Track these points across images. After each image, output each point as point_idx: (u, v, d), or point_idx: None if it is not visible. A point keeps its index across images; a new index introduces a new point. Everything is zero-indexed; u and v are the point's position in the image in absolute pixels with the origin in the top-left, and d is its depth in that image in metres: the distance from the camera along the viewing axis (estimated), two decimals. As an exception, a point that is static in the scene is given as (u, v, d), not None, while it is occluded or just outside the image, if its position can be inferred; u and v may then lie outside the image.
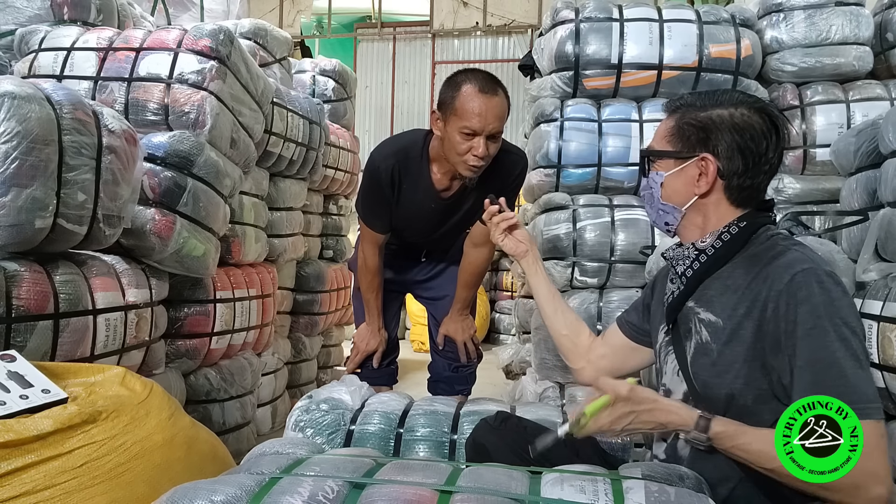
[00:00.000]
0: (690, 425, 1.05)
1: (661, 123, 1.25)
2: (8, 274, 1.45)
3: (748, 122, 1.14)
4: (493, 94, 1.78)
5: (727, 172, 1.15)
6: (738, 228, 1.16)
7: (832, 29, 2.61)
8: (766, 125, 1.14)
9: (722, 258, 1.16)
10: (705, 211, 1.19)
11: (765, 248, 1.13)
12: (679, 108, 1.22)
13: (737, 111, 1.15)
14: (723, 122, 1.15)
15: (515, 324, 3.41)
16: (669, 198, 1.21)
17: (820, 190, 2.60)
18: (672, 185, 1.21)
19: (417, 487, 0.87)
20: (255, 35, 3.30)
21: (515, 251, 1.56)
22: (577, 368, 1.49)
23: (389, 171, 1.97)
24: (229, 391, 2.50)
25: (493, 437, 1.28)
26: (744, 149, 1.14)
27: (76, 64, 2.22)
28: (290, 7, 9.19)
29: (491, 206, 1.60)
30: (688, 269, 1.19)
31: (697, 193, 1.18)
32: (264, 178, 3.02)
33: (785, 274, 1.05)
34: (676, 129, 1.20)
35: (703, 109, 1.17)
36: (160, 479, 1.19)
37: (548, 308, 1.52)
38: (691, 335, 1.18)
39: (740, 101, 1.17)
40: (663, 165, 1.22)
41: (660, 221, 1.26)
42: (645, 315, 1.40)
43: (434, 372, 2.28)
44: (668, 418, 1.07)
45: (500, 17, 8.70)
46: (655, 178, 1.23)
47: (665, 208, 1.22)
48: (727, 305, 1.12)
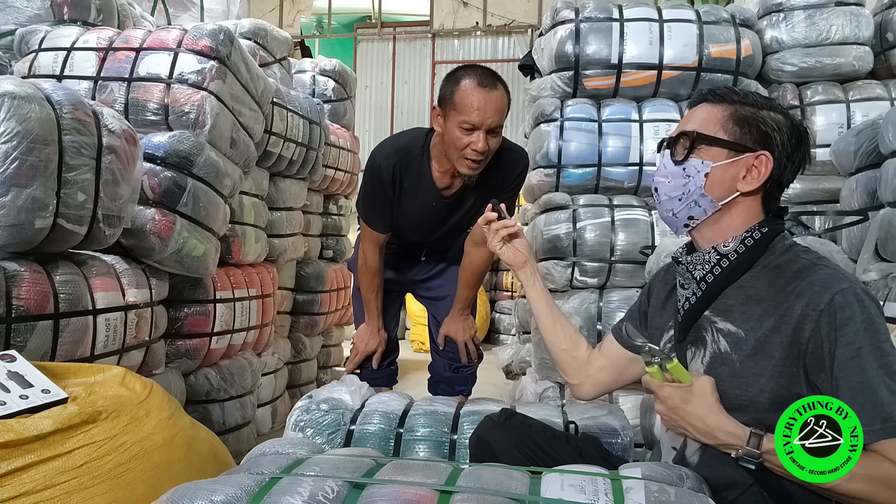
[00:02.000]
0: (743, 440, 1.02)
1: (701, 110, 1.18)
2: (8, 274, 1.45)
3: (795, 132, 1.14)
4: (492, 88, 1.77)
5: (776, 175, 1.14)
6: (761, 234, 1.14)
7: (832, 29, 2.61)
8: (802, 136, 1.15)
9: (744, 264, 1.13)
10: (734, 211, 1.16)
11: (786, 259, 1.12)
12: (728, 99, 1.16)
13: (786, 120, 1.15)
14: (780, 125, 1.13)
15: (515, 324, 3.41)
16: (711, 189, 1.14)
17: (820, 190, 2.60)
18: (717, 177, 1.14)
19: (417, 487, 0.87)
20: (255, 35, 3.30)
21: (513, 262, 1.49)
22: (576, 384, 1.45)
23: (391, 169, 1.96)
24: (229, 391, 2.50)
25: (497, 434, 1.27)
26: (791, 157, 1.14)
27: (76, 64, 2.22)
28: (290, 7, 9.19)
29: (490, 211, 1.51)
30: (708, 274, 1.16)
31: (741, 190, 1.14)
32: (264, 178, 3.02)
33: (824, 293, 1.03)
34: (735, 119, 1.14)
35: (758, 108, 1.14)
36: (160, 479, 1.19)
37: (546, 322, 1.46)
38: (706, 344, 1.15)
39: (780, 109, 1.16)
40: (711, 154, 1.14)
41: (684, 214, 1.18)
42: (642, 322, 1.37)
43: (434, 372, 2.28)
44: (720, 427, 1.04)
45: (500, 17, 8.70)
46: (699, 166, 1.15)
47: (701, 201, 1.15)
48: (750, 317, 1.10)
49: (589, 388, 1.43)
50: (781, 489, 1.04)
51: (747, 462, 1.02)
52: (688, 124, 1.19)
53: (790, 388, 1.04)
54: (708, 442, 1.07)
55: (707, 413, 1.06)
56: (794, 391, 1.04)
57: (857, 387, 0.97)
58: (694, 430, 1.08)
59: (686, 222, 1.19)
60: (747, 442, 1.01)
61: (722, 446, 1.05)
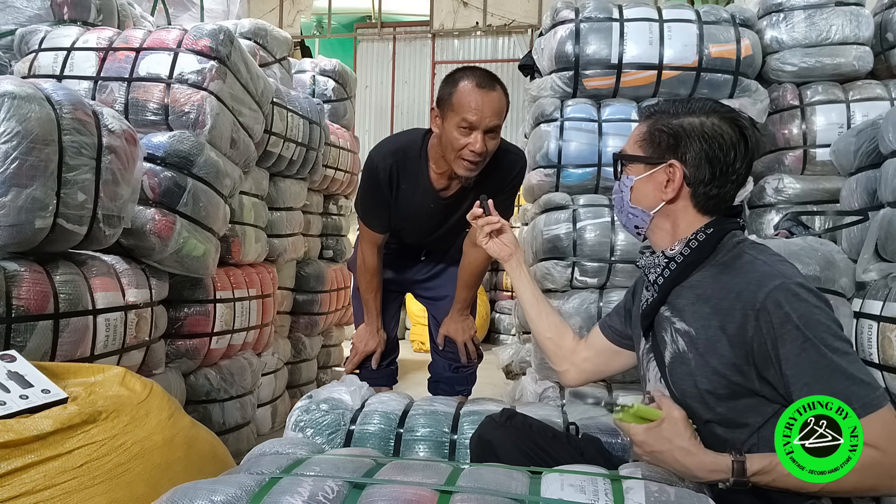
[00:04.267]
0: (727, 473, 1.01)
1: (636, 128, 1.28)
2: (8, 274, 1.45)
3: (718, 131, 1.16)
4: (490, 89, 1.77)
5: (693, 180, 1.18)
6: (706, 235, 1.18)
7: (832, 29, 2.61)
8: (735, 135, 1.17)
9: (691, 265, 1.18)
10: (674, 217, 1.21)
11: (732, 256, 1.15)
12: (653, 114, 1.24)
13: (708, 120, 1.17)
14: (693, 130, 1.17)
15: (515, 324, 3.41)
16: (638, 201, 1.24)
17: (820, 190, 2.60)
18: (641, 190, 1.23)
19: (417, 487, 0.87)
20: (255, 35, 3.29)
21: (499, 255, 1.58)
22: (561, 371, 1.51)
23: (388, 170, 1.96)
24: (229, 391, 2.50)
25: (498, 434, 1.29)
26: (711, 158, 1.16)
27: (76, 64, 2.22)
28: (290, 7, 9.20)
29: (476, 207, 1.60)
30: (659, 276, 1.21)
31: (664, 199, 1.21)
32: (264, 178, 3.02)
33: (758, 292, 1.06)
34: (648, 134, 1.23)
35: (676, 117, 1.20)
36: (160, 479, 1.19)
37: (532, 311, 1.53)
38: (667, 344, 1.19)
39: (712, 109, 1.19)
40: (634, 170, 1.25)
41: (629, 225, 1.29)
42: (627, 320, 1.42)
43: (434, 372, 2.28)
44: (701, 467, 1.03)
45: (500, 17, 8.70)
46: (626, 181, 1.26)
47: (634, 212, 1.25)
48: (699, 315, 1.13)
49: (574, 376, 1.50)
50: (768, 489, 1.04)
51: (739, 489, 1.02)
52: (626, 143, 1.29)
53: (744, 384, 1.08)
54: (694, 480, 1.06)
55: (684, 456, 1.05)
56: (748, 387, 1.07)
57: (811, 381, 1.00)
58: (676, 472, 1.07)
59: (635, 231, 1.29)
60: (732, 472, 1.01)
61: (709, 482, 1.04)
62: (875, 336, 1.68)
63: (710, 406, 1.10)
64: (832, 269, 1.84)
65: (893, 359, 1.63)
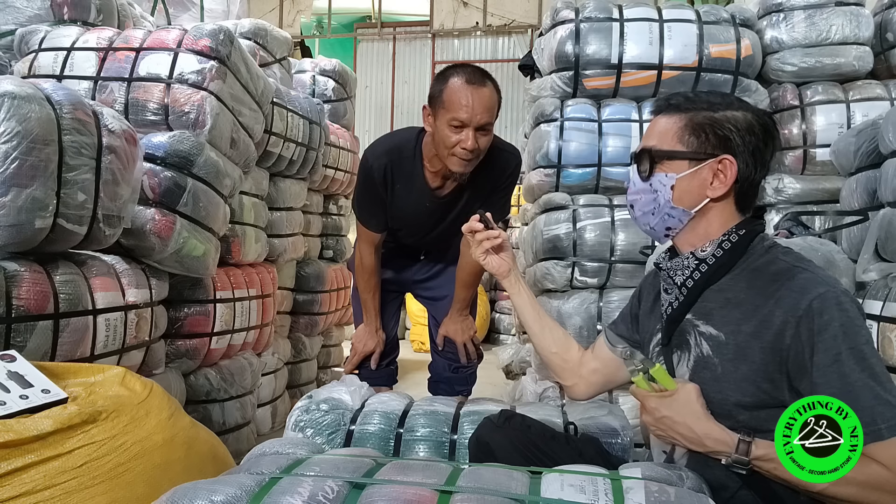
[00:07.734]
0: (731, 448, 1.02)
1: (660, 122, 1.19)
2: (8, 274, 1.45)
3: (758, 124, 1.14)
4: (480, 86, 1.77)
5: (744, 175, 1.14)
6: (738, 236, 1.14)
7: (832, 29, 2.61)
8: (768, 129, 1.15)
9: (723, 268, 1.14)
10: (710, 216, 1.17)
11: (765, 261, 1.12)
12: (681, 107, 1.17)
13: (745, 113, 1.14)
14: (739, 124, 1.13)
15: (515, 324, 3.42)
16: (680, 200, 1.16)
17: (820, 190, 2.60)
18: (684, 188, 1.15)
19: (417, 487, 0.87)
20: (255, 35, 3.29)
21: (498, 271, 1.48)
22: (570, 385, 1.46)
23: (382, 170, 1.96)
24: (229, 391, 2.50)
25: (497, 435, 1.27)
26: (755, 151, 1.13)
27: (76, 64, 2.22)
28: (290, 7, 9.20)
29: (475, 221, 1.47)
30: (688, 279, 1.17)
31: (711, 196, 1.14)
32: (264, 178, 3.02)
33: (802, 298, 1.03)
34: (690, 128, 1.15)
35: (715, 110, 1.14)
36: (160, 479, 1.19)
37: (535, 327, 1.47)
38: (690, 347, 1.16)
39: (742, 104, 1.16)
40: (673, 167, 1.16)
41: (661, 226, 1.20)
42: (634, 325, 1.38)
43: (434, 372, 2.28)
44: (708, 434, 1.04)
45: (500, 17, 8.71)
46: (664, 180, 1.16)
47: (673, 212, 1.17)
48: (729, 320, 1.10)
49: (583, 389, 1.44)
50: (770, 492, 1.04)
51: (737, 468, 1.03)
52: (649, 139, 1.21)
53: (772, 393, 1.05)
54: (697, 449, 1.07)
55: (694, 421, 1.06)
56: (777, 397, 1.04)
57: (837, 392, 0.97)
58: (682, 438, 1.08)
59: (665, 233, 1.22)
60: (736, 449, 1.02)
61: (711, 453, 1.05)
62: (875, 336, 1.68)
63: (733, 415, 1.07)
64: (832, 269, 1.84)
65: (893, 359, 1.63)
